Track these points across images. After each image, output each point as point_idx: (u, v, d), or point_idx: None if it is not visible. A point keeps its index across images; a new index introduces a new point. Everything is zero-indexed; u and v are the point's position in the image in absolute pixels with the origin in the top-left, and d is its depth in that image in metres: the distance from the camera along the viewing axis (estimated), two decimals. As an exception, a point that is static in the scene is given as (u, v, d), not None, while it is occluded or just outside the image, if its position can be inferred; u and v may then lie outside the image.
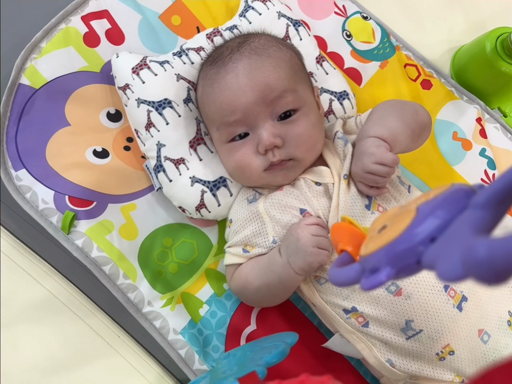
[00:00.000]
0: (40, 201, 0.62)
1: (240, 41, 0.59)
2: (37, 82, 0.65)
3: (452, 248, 0.20)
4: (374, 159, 0.53)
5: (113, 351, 0.64)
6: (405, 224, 0.25)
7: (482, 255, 0.18)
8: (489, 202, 0.21)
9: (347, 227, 0.36)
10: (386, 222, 0.28)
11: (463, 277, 0.19)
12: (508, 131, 0.80)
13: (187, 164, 0.63)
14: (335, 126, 0.63)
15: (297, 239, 0.52)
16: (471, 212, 0.22)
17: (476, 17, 0.92)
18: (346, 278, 0.28)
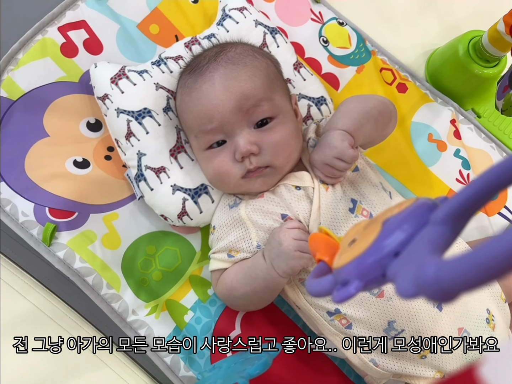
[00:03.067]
0: (20, 214, 0.62)
1: (217, 50, 0.60)
2: (14, 93, 0.65)
3: (409, 265, 0.22)
4: (336, 153, 0.55)
5: (100, 362, 0.64)
6: (372, 237, 0.26)
7: (430, 275, 0.19)
8: (447, 218, 0.22)
9: (323, 238, 0.37)
10: (356, 235, 0.30)
11: (415, 295, 0.20)
12: (482, 131, 0.83)
13: (168, 172, 0.64)
14: (308, 131, 0.64)
15: (279, 243, 0.53)
16: (431, 228, 0.23)
17: (449, 20, 0.95)
18: (321, 290, 0.30)
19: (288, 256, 0.53)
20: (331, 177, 0.58)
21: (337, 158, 0.55)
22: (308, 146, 0.63)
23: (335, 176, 0.57)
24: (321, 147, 0.57)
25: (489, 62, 0.80)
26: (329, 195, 0.57)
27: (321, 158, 0.56)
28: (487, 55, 0.79)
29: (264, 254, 0.56)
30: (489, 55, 0.78)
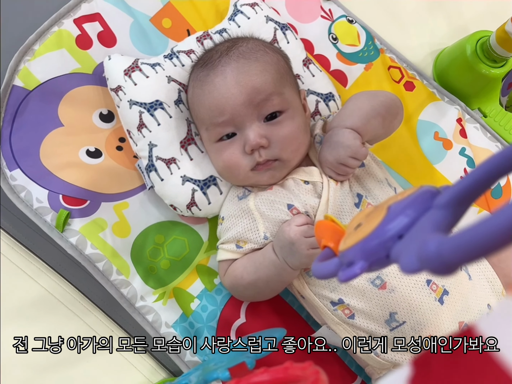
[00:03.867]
0: (35, 200, 0.63)
1: (229, 45, 0.61)
2: (30, 83, 0.67)
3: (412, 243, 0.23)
4: (350, 152, 0.56)
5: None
6: (377, 222, 0.28)
7: (432, 250, 0.20)
8: (449, 203, 0.24)
9: (329, 225, 0.38)
10: (362, 220, 0.31)
11: (419, 269, 0.22)
12: (488, 131, 0.83)
13: (178, 163, 0.65)
14: (315, 128, 0.65)
15: (291, 242, 0.54)
16: (434, 212, 0.25)
17: (457, 21, 0.96)
18: (326, 271, 0.31)
19: (301, 255, 0.54)
20: (343, 175, 0.59)
21: (351, 157, 0.57)
22: (314, 142, 0.64)
23: (348, 174, 0.59)
24: (333, 146, 0.58)
25: (497, 62, 0.81)
26: (337, 190, 0.59)
27: (335, 158, 0.57)
28: (494, 55, 0.79)
29: (274, 250, 0.57)
30: (497, 55, 0.79)
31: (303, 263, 0.55)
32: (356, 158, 0.57)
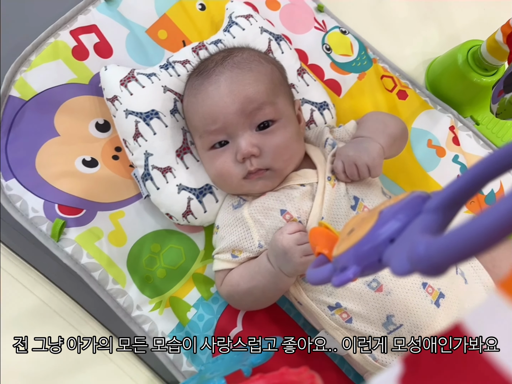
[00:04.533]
0: (30, 210, 0.63)
1: (225, 55, 0.62)
2: (26, 94, 0.67)
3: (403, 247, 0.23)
4: (370, 163, 0.58)
5: (104, 356, 0.65)
6: (369, 226, 0.28)
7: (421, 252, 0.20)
8: (438, 207, 0.24)
9: (323, 232, 0.39)
10: (354, 226, 0.31)
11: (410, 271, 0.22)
12: (480, 138, 0.84)
13: (174, 172, 0.66)
14: (323, 133, 0.67)
15: (284, 251, 0.54)
16: (424, 216, 0.25)
17: (449, 30, 0.97)
18: (320, 277, 0.31)
19: (295, 263, 0.54)
20: (347, 175, 0.60)
21: (368, 166, 0.58)
22: (326, 144, 0.65)
23: (352, 177, 0.59)
24: (360, 149, 0.60)
25: (488, 71, 0.82)
26: (334, 192, 0.59)
27: (355, 157, 0.58)
28: (485, 64, 0.81)
29: (269, 259, 0.58)
30: (488, 64, 0.81)
31: (298, 270, 0.55)
32: (370, 171, 0.58)
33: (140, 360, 0.66)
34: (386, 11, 0.95)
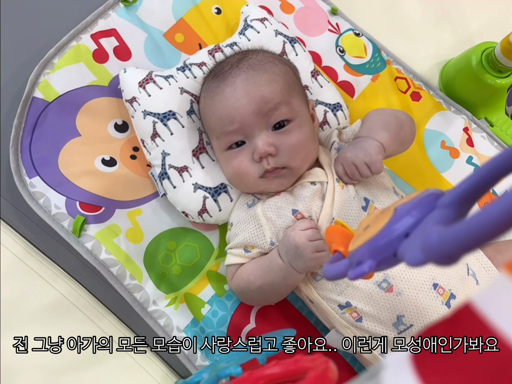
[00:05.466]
0: (53, 207, 0.66)
1: (240, 57, 0.64)
2: (50, 95, 0.70)
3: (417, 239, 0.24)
4: (368, 160, 0.58)
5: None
6: (384, 222, 0.29)
7: (434, 241, 0.21)
8: (452, 203, 0.25)
9: (339, 230, 0.40)
10: (370, 222, 0.32)
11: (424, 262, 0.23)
12: (494, 139, 0.84)
13: (190, 171, 0.67)
14: (332, 136, 0.68)
15: (296, 246, 0.56)
16: (437, 211, 0.26)
17: (463, 32, 0.97)
18: (337, 272, 0.32)
19: (306, 258, 0.55)
20: (350, 177, 0.60)
21: (366, 164, 0.58)
22: (332, 148, 0.66)
23: (354, 177, 0.60)
24: (357, 148, 0.60)
25: (502, 73, 0.82)
26: (344, 193, 0.60)
27: (352, 157, 0.59)
28: (499, 66, 0.81)
29: (280, 254, 0.59)
30: (502, 66, 0.80)
31: (309, 266, 0.56)
32: (369, 168, 0.58)
33: (156, 354, 0.67)
34: (400, 13, 0.95)
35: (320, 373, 0.25)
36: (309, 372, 0.25)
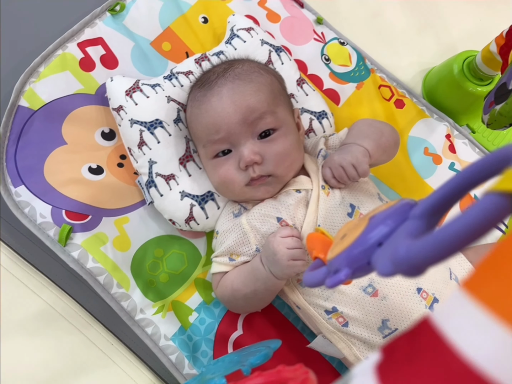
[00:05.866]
0: (38, 216, 0.65)
1: (226, 66, 0.65)
2: (35, 104, 0.70)
3: (388, 250, 0.25)
4: (355, 161, 0.60)
5: (108, 359, 0.67)
6: (359, 231, 0.30)
7: (402, 254, 0.22)
8: (423, 214, 0.26)
9: (319, 237, 0.40)
10: (347, 231, 0.33)
11: (393, 272, 0.24)
12: (476, 146, 0.86)
13: (177, 179, 0.68)
14: (318, 144, 0.69)
15: (274, 253, 0.56)
16: (409, 222, 0.27)
17: (446, 40, 1.00)
18: (315, 279, 0.33)
19: (282, 266, 0.56)
20: (337, 180, 0.62)
21: (353, 165, 0.60)
22: (319, 155, 0.67)
23: (342, 180, 0.61)
24: (344, 152, 0.62)
25: (483, 81, 0.84)
26: (329, 200, 0.61)
27: (339, 159, 0.61)
28: (480, 74, 0.83)
29: (262, 259, 0.60)
30: (483, 74, 0.83)
31: (285, 273, 0.56)
32: (356, 170, 0.60)
33: (143, 362, 0.67)
34: (384, 22, 0.98)
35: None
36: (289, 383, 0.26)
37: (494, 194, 0.18)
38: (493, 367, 0.14)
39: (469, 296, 0.16)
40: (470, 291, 0.16)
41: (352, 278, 0.30)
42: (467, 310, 0.16)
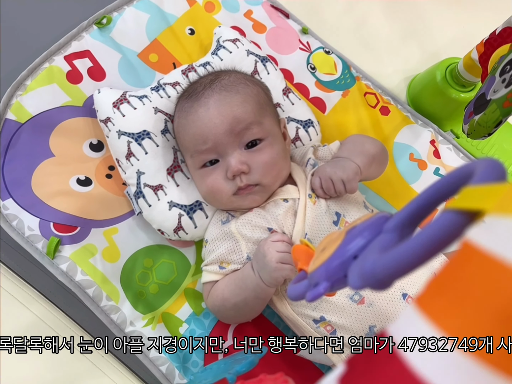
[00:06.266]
0: (26, 228, 0.65)
1: (212, 78, 0.66)
2: (22, 117, 0.70)
3: (359, 263, 0.26)
4: (345, 178, 0.61)
5: (99, 371, 0.66)
6: (337, 244, 0.31)
7: (368, 268, 0.23)
8: (395, 227, 0.27)
9: (304, 249, 0.41)
10: (326, 244, 0.34)
11: (362, 286, 0.25)
12: (460, 151, 0.88)
13: (165, 190, 0.68)
14: (307, 153, 0.70)
15: (264, 255, 0.57)
16: (382, 235, 0.28)
17: (430, 48, 1.02)
18: (297, 293, 0.34)
19: (270, 268, 0.56)
20: (324, 191, 0.63)
21: (342, 181, 0.61)
22: (307, 164, 0.68)
23: (328, 192, 0.62)
24: (337, 166, 0.63)
25: (465, 87, 0.86)
26: (315, 208, 0.62)
27: (331, 172, 0.62)
28: (463, 81, 0.85)
29: (252, 265, 0.60)
30: (465, 81, 0.84)
31: (273, 277, 0.56)
32: (345, 186, 0.61)
33: (133, 374, 0.67)
34: (368, 30, 0.99)
35: (277, 393, 0.27)
36: (269, 392, 0.27)
37: (450, 212, 0.19)
38: (440, 381, 0.15)
39: (419, 311, 0.17)
40: (420, 306, 0.17)
41: (331, 291, 0.30)
42: (417, 325, 0.17)
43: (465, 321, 0.15)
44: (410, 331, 0.17)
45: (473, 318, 0.15)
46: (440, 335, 0.16)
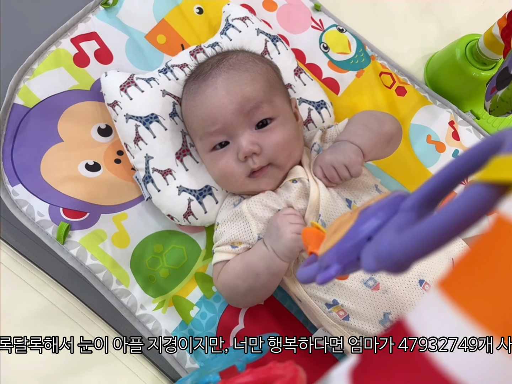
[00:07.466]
0: (36, 214, 0.65)
1: (220, 58, 0.63)
2: (30, 101, 0.69)
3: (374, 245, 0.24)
4: (347, 161, 0.58)
5: (111, 355, 0.67)
6: (349, 225, 0.29)
7: (384, 250, 0.21)
8: (413, 206, 0.25)
9: (315, 232, 0.40)
10: (338, 226, 0.32)
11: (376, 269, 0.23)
12: (481, 132, 0.84)
13: (174, 174, 0.67)
14: (314, 137, 0.67)
15: (277, 228, 0.56)
16: (399, 215, 0.26)
17: (448, 25, 0.97)
18: (307, 275, 0.32)
19: (285, 239, 0.55)
20: (329, 179, 0.60)
21: (345, 166, 0.58)
22: (312, 150, 0.65)
23: (333, 180, 0.60)
24: (336, 151, 0.60)
25: (486, 65, 0.82)
26: (327, 191, 0.60)
27: (331, 159, 0.59)
28: (483, 58, 0.81)
29: (264, 241, 0.59)
30: (486, 58, 0.80)
31: (288, 248, 0.55)
32: (349, 170, 0.58)
33: (146, 358, 0.67)
34: (384, 7, 0.95)
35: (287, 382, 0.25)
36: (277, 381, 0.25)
37: (479, 185, 0.17)
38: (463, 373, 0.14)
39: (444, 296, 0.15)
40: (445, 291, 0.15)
41: (343, 274, 0.29)
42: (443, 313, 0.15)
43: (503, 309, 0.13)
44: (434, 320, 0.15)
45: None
46: (472, 327, 0.14)
